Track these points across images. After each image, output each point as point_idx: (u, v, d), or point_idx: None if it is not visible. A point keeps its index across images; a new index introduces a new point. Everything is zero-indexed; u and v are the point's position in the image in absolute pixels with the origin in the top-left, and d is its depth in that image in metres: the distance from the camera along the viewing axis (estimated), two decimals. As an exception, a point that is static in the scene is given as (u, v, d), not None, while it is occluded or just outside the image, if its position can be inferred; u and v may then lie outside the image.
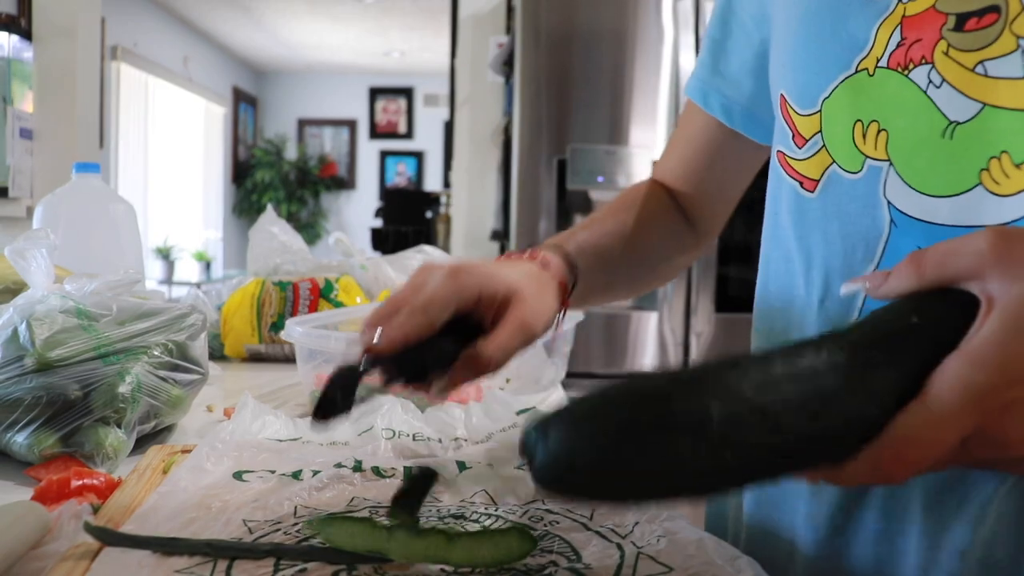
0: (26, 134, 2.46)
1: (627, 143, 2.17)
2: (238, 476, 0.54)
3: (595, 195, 2.16)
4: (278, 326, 1.17)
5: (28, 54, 2.46)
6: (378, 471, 0.56)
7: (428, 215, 5.01)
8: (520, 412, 0.70)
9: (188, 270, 6.25)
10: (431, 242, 3.78)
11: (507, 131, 2.59)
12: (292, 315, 1.18)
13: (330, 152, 7.83)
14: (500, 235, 2.74)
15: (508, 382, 0.91)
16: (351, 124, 7.88)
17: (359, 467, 0.56)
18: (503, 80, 2.81)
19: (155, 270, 5.80)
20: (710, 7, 2.17)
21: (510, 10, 2.84)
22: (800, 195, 0.51)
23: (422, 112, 7.80)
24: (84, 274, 0.73)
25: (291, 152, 7.61)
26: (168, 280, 5.86)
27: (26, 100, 2.46)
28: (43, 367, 0.64)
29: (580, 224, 0.65)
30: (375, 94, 7.85)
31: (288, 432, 0.66)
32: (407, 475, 0.52)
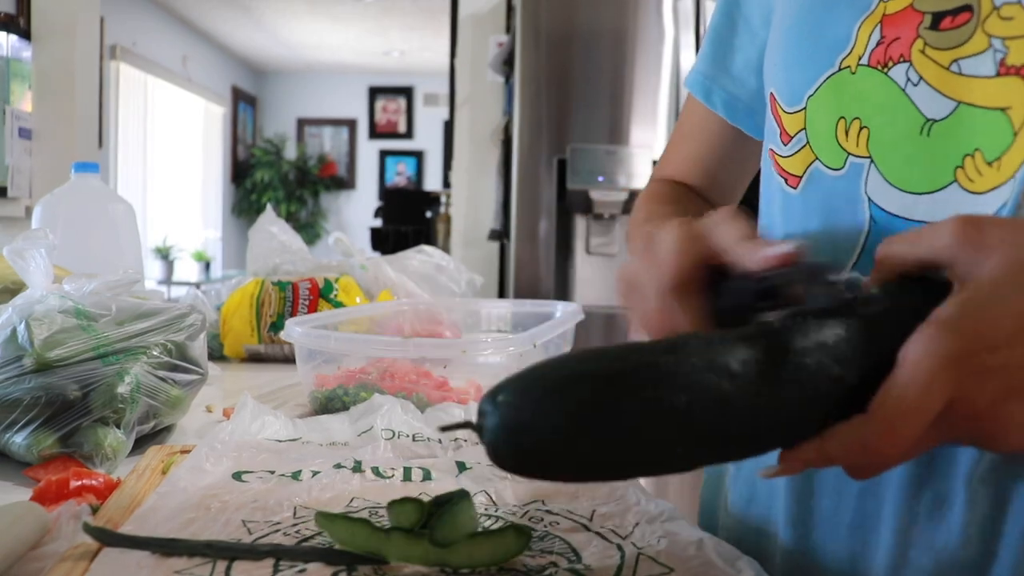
0: (25, 134, 2.45)
1: (627, 143, 2.17)
2: (237, 477, 0.54)
3: (595, 195, 2.16)
4: (277, 326, 1.16)
5: (27, 53, 2.46)
6: (378, 472, 0.56)
7: (428, 215, 5.01)
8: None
9: (187, 270, 6.25)
10: (431, 242, 3.78)
11: (507, 131, 2.59)
12: (291, 315, 1.17)
13: (330, 152, 7.83)
14: (499, 235, 2.74)
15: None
16: (351, 124, 7.88)
17: (359, 468, 0.56)
18: (503, 80, 2.81)
19: (154, 270, 5.80)
20: (711, 6, 2.17)
21: (510, 9, 2.84)
22: (785, 192, 0.52)
23: (422, 112, 7.80)
24: (83, 274, 0.73)
25: (290, 152, 7.61)
26: (167, 280, 5.86)
27: (25, 100, 2.46)
28: (42, 367, 0.64)
29: (652, 217, 0.60)
30: (375, 94, 7.85)
31: (287, 433, 0.66)
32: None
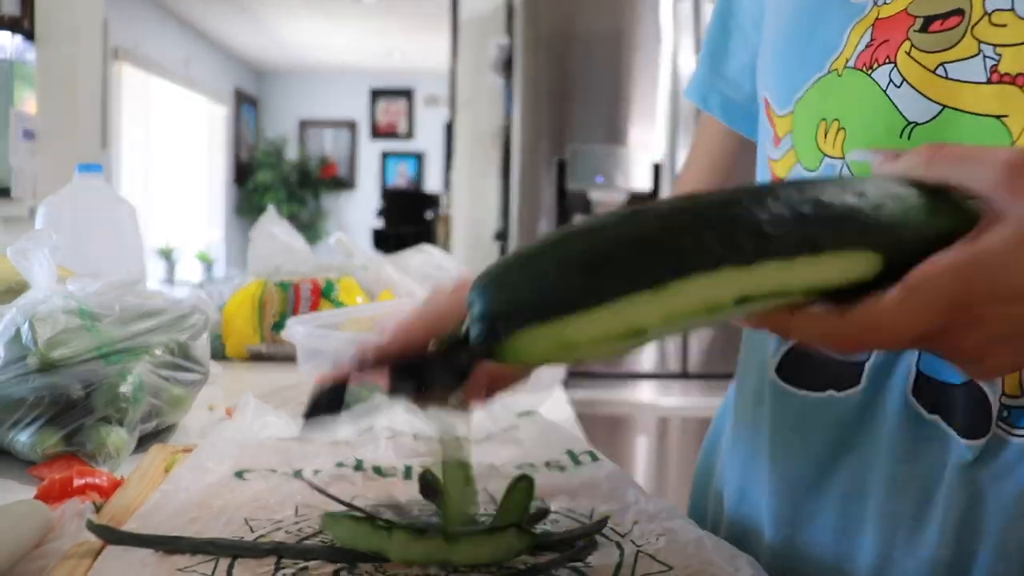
0: (29, 135, 2.46)
1: (626, 143, 2.17)
2: (239, 475, 0.54)
3: (595, 195, 2.16)
4: (279, 326, 1.17)
5: (31, 55, 2.46)
6: (379, 470, 0.56)
7: (428, 216, 5.01)
8: (521, 414, 0.70)
9: (190, 270, 6.25)
10: (431, 242, 3.78)
11: (507, 132, 2.59)
12: (293, 315, 1.18)
13: (331, 153, 7.84)
14: (501, 236, 2.74)
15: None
16: (352, 125, 7.89)
17: (360, 466, 0.57)
18: (503, 81, 2.82)
19: (157, 270, 5.80)
20: (709, 8, 2.17)
21: (510, 12, 2.84)
22: None
23: (423, 113, 7.81)
24: (86, 274, 0.74)
25: (292, 153, 7.62)
26: (169, 280, 5.86)
27: (29, 101, 2.47)
28: (46, 367, 0.65)
29: None
30: (376, 95, 7.86)
31: (289, 432, 0.66)
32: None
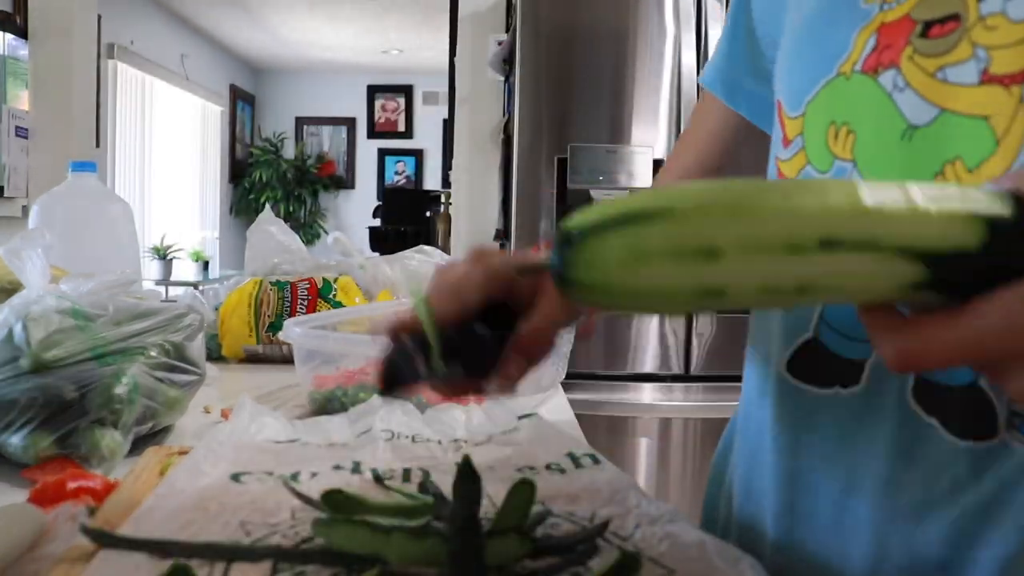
0: (22, 133, 2.45)
1: (628, 142, 2.16)
2: (235, 478, 0.53)
3: (596, 194, 2.16)
4: (276, 326, 1.16)
5: (24, 52, 2.45)
6: (377, 473, 0.55)
7: (427, 214, 5.00)
8: (522, 417, 0.70)
9: (185, 270, 6.24)
10: (430, 242, 3.78)
11: (507, 130, 2.59)
12: (290, 315, 1.17)
13: (328, 151, 7.83)
14: (501, 234, 2.74)
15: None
16: (350, 123, 7.87)
17: (358, 469, 0.56)
18: (503, 78, 2.81)
19: (152, 270, 5.79)
20: (712, 5, 2.16)
21: (510, 8, 2.83)
22: None
23: (421, 111, 7.80)
24: (80, 274, 0.73)
25: (289, 151, 7.61)
26: (165, 280, 5.85)
27: (22, 99, 2.46)
28: (39, 368, 0.64)
29: None
30: (374, 92, 7.84)
31: (286, 434, 0.65)
32: None
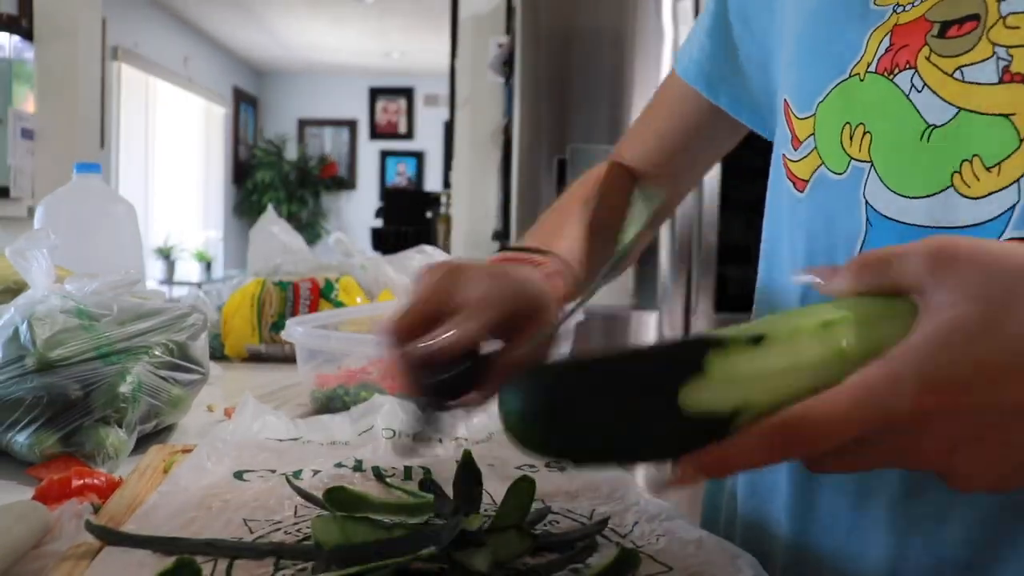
0: (27, 134, 2.46)
1: (627, 143, 2.17)
2: (238, 476, 0.54)
3: (595, 195, 2.16)
4: (278, 326, 1.17)
5: (29, 54, 2.46)
6: (378, 471, 0.56)
7: (428, 215, 5.01)
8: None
9: (189, 270, 6.25)
10: (431, 242, 3.78)
11: (507, 131, 2.59)
12: (292, 315, 1.18)
13: (330, 152, 7.83)
14: (501, 235, 2.74)
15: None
16: (351, 124, 7.88)
17: (359, 467, 0.56)
18: (503, 80, 2.81)
19: (156, 270, 5.80)
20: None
21: (510, 10, 2.84)
22: (793, 195, 0.52)
23: (422, 112, 7.80)
24: (85, 274, 0.73)
25: (291, 152, 7.61)
26: (168, 280, 5.86)
27: (27, 100, 2.46)
28: (44, 367, 0.64)
29: (547, 225, 0.65)
30: (375, 94, 7.85)
31: (288, 432, 0.66)
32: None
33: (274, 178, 7.28)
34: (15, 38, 2.39)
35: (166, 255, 5.87)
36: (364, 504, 0.47)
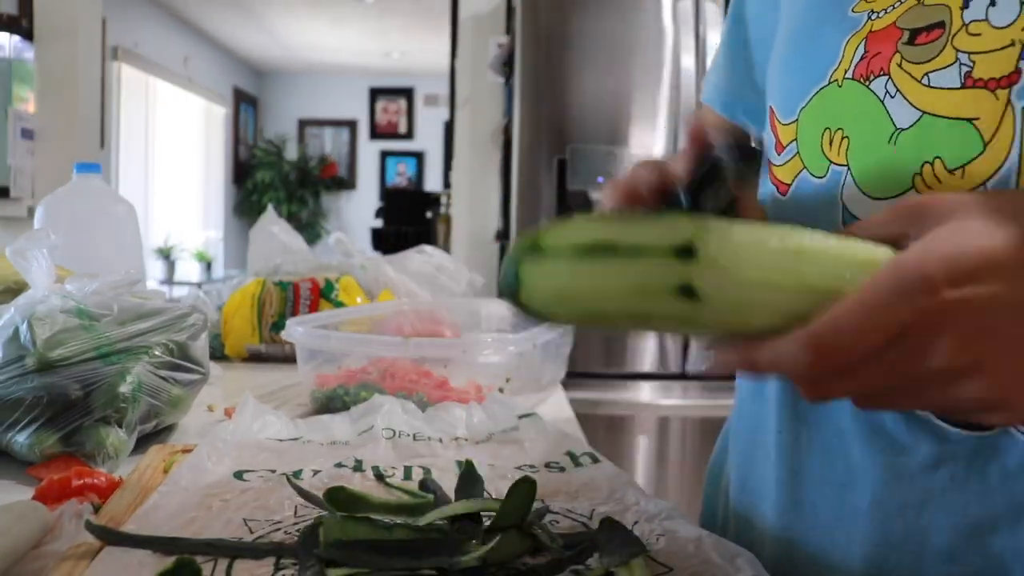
0: (27, 134, 2.46)
1: (627, 143, 2.17)
2: (239, 476, 0.54)
3: (595, 195, 2.16)
4: (279, 326, 1.17)
5: (29, 55, 2.46)
6: (378, 471, 0.56)
7: (428, 215, 5.01)
8: (522, 416, 0.70)
9: (189, 270, 6.25)
10: (431, 242, 3.78)
11: (507, 131, 2.59)
12: (293, 315, 1.18)
13: (330, 152, 7.84)
14: (502, 235, 2.74)
15: (508, 381, 0.92)
16: (351, 124, 7.88)
17: (359, 467, 0.57)
18: (503, 80, 2.81)
19: (156, 270, 5.80)
20: (710, 8, 2.17)
21: (510, 11, 2.84)
22: (776, 198, 0.54)
23: (422, 112, 7.80)
24: (85, 274, 0.73)
25: (291, 152, 7.61)
26: (169, 280, 5.86)
27: (27, 101, 2.46)
28: (44, 367, 0.64)
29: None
30: (375, 94, 7.85)
31: (288, 432, 0.66)
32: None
33: (274, 178, 7.28)
34: (15, 38, 2.39)
35: (166, 255, 5.87)
36: (364, 504, 0.47)
